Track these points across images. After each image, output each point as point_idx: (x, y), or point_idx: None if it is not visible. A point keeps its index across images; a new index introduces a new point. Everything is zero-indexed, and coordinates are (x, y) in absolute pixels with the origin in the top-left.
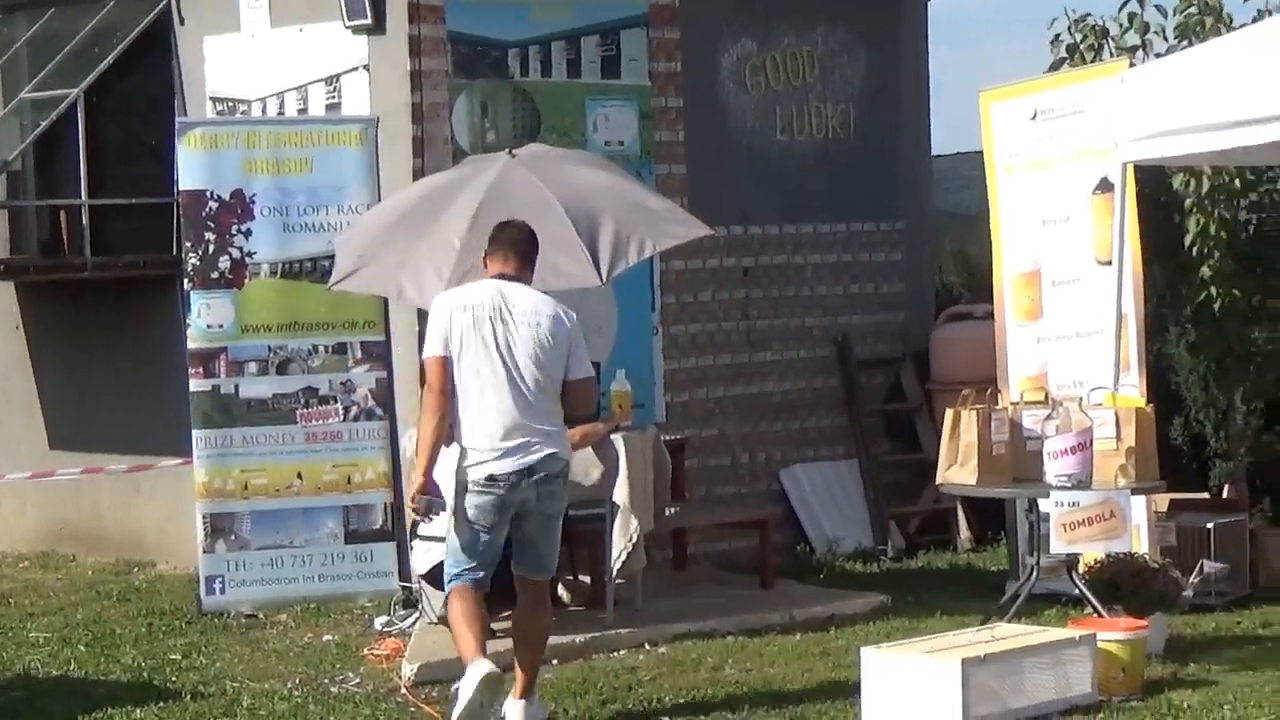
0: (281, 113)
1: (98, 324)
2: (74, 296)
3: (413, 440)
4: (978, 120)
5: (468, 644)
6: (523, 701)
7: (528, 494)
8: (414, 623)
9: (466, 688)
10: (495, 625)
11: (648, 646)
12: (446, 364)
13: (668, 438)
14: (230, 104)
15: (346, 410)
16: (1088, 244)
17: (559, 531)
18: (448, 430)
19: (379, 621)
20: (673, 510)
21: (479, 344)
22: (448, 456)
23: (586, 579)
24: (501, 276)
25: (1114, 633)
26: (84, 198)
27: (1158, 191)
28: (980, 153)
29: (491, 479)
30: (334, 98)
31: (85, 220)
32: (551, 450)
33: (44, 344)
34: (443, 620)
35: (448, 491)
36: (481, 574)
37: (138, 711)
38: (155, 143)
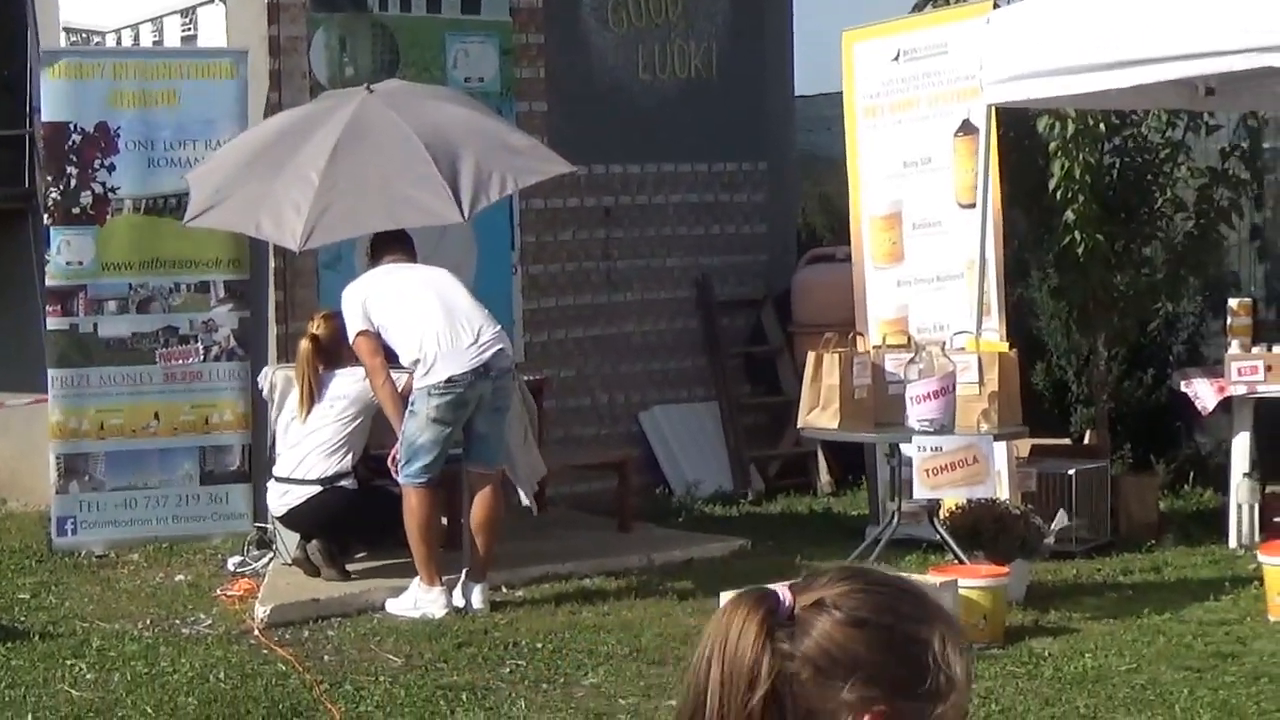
0: (136, 44)
1: None
2: None
3: (267, 379)
4: (840, 60)
5: (426, 564)
6: (483, 584)
7: (483, 389)
8: (268, 563)
9: (430, 607)
10: (350, 567)
11: (504, 589)
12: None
13: (526, 378)
14: (84, 35)
15: (207, 350)
16: (949, 187)
17: (504, 425)
18: None
19: (232, 562)
20: None
21: (410, 289)
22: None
23: (443, 520)
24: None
25: (975, 579)
26: None
27: (1022, 134)
28: (842, 93)
29: (451, 380)
30: (190, 30)
31: None
32: (500, 347)
33: None
34: (297, 562)
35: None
36: (437, 471)
37: None
38: (7, 73)
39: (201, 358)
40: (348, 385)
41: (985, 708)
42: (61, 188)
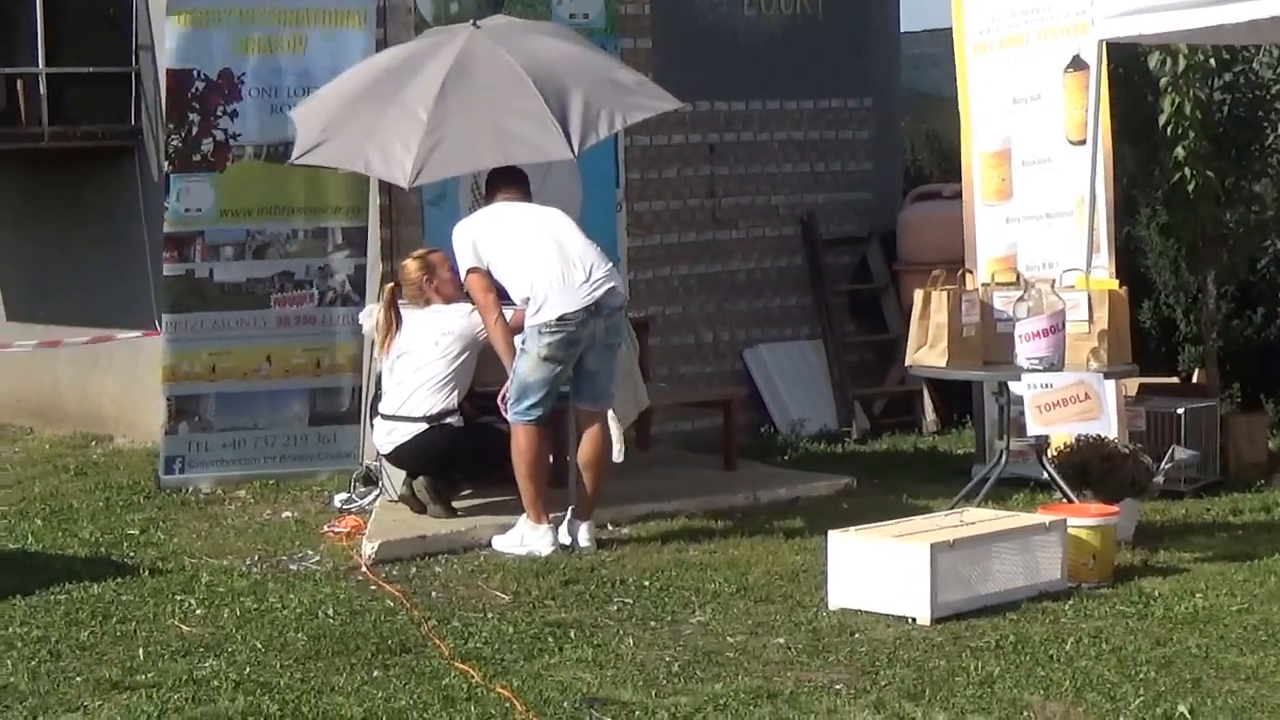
0: None
1: (55, 194)
2: (30, 166)
3: (371, 317)
4: None
5: (534, 502)
6: (589, 522)
7: (595, 327)
8: (374, 500)
9: (537, 544)
10: (456, 504)
11: (610, 527)
12: (486, 273)
13: (631, 316)
14: None
15: (322, 295)
16: (1059, 123)
17: (615, 364)
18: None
19: (339, 499)
20: None
21: (522, 228)
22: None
23: (550, 457)
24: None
25: (1084, 519)
26: (41, 66)
27: (1131, 70)
28: (948, 30)
29: (563, 319)
30: None
31: (42, 89)
32: (613, 284)
33: (0, 214)
34: (403, 499)
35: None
36: (547, 410)
37: (95, 586)
38: (114, 10)
39: (316, 303)
40: (454, 321)
41: (1096, 647)
42: (183, 135)
